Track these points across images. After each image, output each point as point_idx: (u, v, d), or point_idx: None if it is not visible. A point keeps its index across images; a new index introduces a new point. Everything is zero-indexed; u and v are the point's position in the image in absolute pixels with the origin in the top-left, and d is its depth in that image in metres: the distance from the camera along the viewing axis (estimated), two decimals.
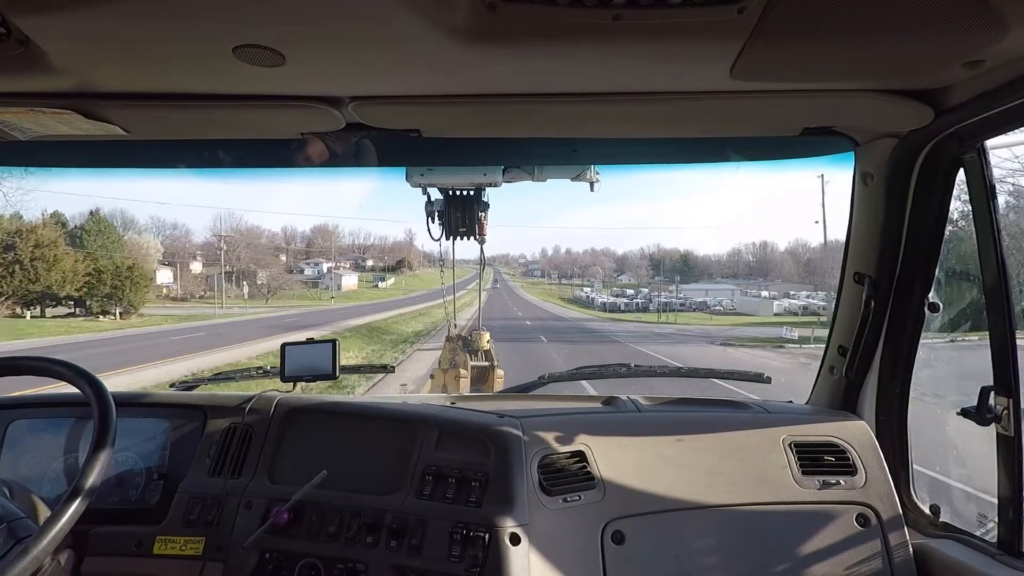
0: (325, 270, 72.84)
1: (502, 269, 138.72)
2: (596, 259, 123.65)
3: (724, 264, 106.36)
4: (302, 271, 71.87)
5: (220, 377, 2.18)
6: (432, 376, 4.08)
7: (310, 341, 1.88)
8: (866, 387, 1.66)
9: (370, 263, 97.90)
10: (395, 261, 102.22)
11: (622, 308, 55.30)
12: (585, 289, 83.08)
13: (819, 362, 1.80)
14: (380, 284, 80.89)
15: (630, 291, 73.98)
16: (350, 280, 73.44)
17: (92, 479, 1.13)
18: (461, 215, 2.13)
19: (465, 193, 2.10)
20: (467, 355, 4.07)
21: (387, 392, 8.28)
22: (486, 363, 4.08)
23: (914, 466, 1.61)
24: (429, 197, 2.16)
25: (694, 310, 54.39)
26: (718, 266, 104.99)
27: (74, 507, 1.10)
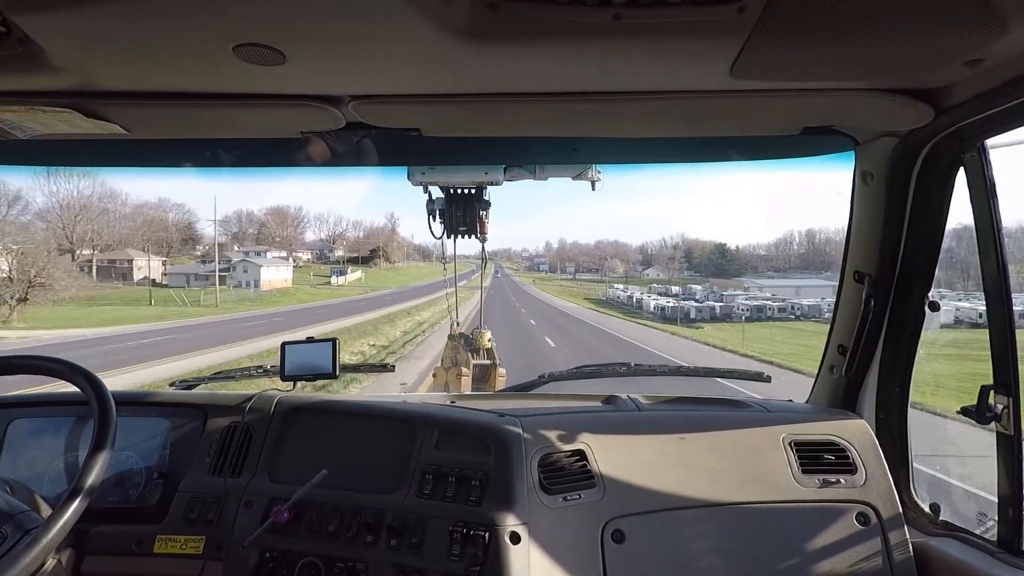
0: (237, 261, 50.46)
1: (504, 264, 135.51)
2: (617, 251, 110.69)
3: (771, 257, 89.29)
4: (228, 262, 50.56)
5: (220, 376, 2.18)
6: (434, 375, 4.07)
7: (310, 340, 1.88)
8: (866, 386, 1.67)
9: (339, 253, 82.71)
10: (368, 251, 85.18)
11: (693, 315, 37.70)
12: (616, 286, 65.15)
13: None
14: (336, 279, 62.48)
15: (674, 288, 58.66)
16: (278, 273, 52.11)
17: (92, 478, 1.14)
18: (462, 214, 2.13)
19: (466, 192, 2.10)
20: (468, 354, 4.07)
21: (385, 391, 8.26)
22: (487, 361, 4.08)
23: (914, 464, 1.61)
24: (430, 195, 2.16)
25: (798, 317, 37.63)
26: (765, 260, 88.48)
27: (75, 506, 1.10)
